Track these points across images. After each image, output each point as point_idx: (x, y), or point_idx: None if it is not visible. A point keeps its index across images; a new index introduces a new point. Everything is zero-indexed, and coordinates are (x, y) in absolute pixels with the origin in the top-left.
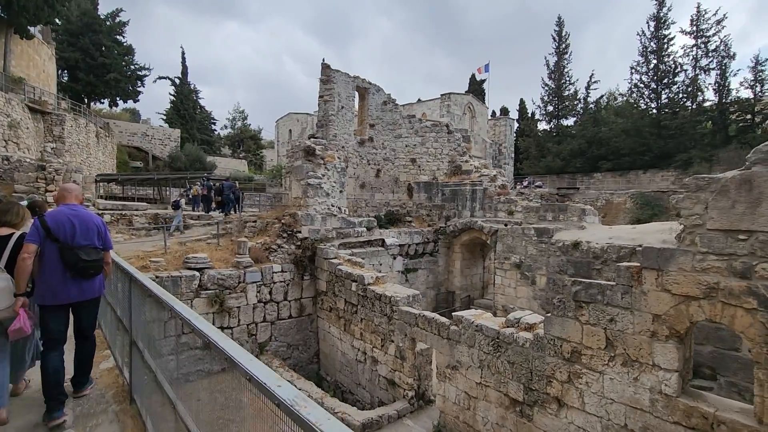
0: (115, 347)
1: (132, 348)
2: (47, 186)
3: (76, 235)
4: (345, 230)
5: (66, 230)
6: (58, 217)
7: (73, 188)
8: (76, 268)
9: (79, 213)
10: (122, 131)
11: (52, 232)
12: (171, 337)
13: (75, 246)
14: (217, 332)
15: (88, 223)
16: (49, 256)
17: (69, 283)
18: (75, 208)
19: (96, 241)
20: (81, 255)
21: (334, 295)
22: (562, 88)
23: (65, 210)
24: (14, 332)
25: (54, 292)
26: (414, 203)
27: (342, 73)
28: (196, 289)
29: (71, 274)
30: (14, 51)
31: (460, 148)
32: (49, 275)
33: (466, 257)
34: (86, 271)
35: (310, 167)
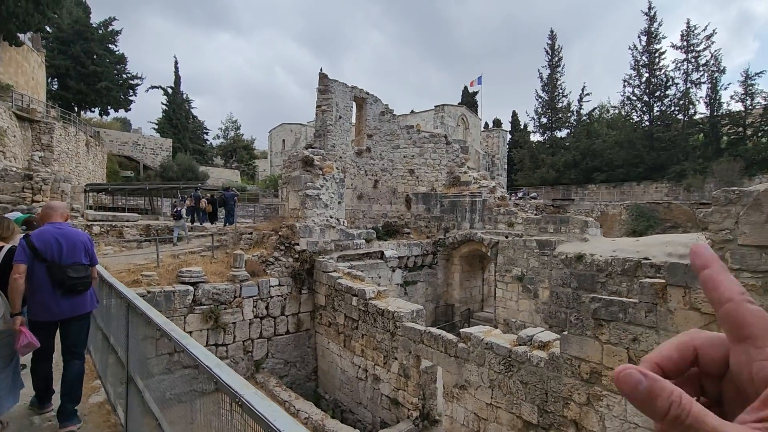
0: (106, 378)
1: (129, 385)
2: (33, 196)
3: (63, 253)
4: (344, 242)
5: (53, 249)
6: (45, 237)
7: (59, 206)
8: (65, 285)
9: (65, 231)
10: (113, 140)
11: (39, 252)
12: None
13: (63, 264)
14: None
15: (74, 241)
16: (38, 276)
17: (60, 300)
18: (60, 227)
19: (83, 258)
20: (69, 273)
21: (333, 309)
22: (556, 101)
23: (51, 229)
24: (24, 348)
25: (46, 308)
26: (412, 215)
27: (340, 83)
28: (189, 305)
29: (61, 292)
30: (2, 58)
31: (459, 159)
32: (40, 293)
33: (466, 269)
34: (75, 288)
35: (308, 178)
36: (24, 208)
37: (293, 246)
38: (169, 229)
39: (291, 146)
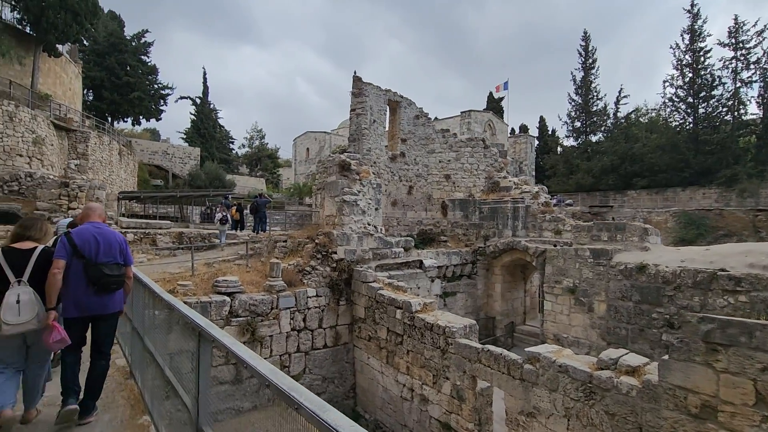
0: (161, 424)
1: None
2: (70, 203)
3: (99, 251)
4: (382, 251)
5: (91, 247)
6: (84, 235)
7: (97, 207)
8: (99, 283)
9: (103, 231)
10: (143, 149)
11: (78, 248)
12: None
13: (99, 262)
14: None
15: (111, 240)
16: (75, 272)
17: (92, 297)
18: (99, 226)
19: (118, 257)
20: (104, 270)
21: (374, 322)
22: (590, 104)
23: (90, 228)
24: (56, 343)
25: (78, 305)
26: (449, 222)
27: (374, 86)
28: (226, 316)
29: (95, 289)
30: (42, 68)
31: (497, 164)
32: (74, 289)
33: (507, 280)
34: (109, 286)
35: (345, 183)
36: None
37: (330, 254)
38: (202, 237)
39: (315, 154)
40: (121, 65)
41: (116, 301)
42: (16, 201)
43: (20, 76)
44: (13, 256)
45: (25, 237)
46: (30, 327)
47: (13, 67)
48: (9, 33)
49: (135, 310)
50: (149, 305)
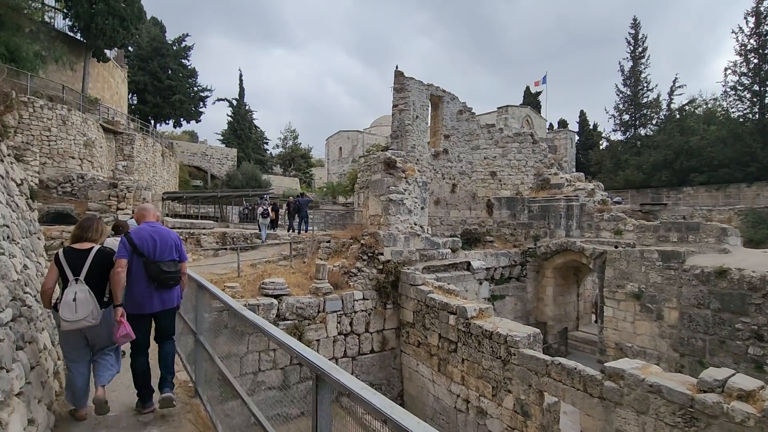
0: None
1: None
2: (119, 203)
3: (157, 249)
4: (429, 252)
5: (149, 246)
6: (142, 234)
7: (150, 207)
8: (158, 279)
9: (158, 229)
10: (183, 151)
11: (138, 247)
12: None
13: (157, 260)
14: None
15: (166, 239)
16: (135, 270)
17: (153, 294)
18: (154, 225)
19: (174, 254)
20: (162, 267)
21: (424, 328)
22: (639, 95)
23: (146, 227)
24: (122, 338)
25: (140, 302)
26: (494, 221)
27: (416, 81)
28: (273, 320)
29: (155, 286)
30: (91, 73)
31: (547, 160)
32: (136, 287)
33: (559, 283)
34: (167, 282)
35: (390, 181)
36: (121, 219)
37: (377, 256)
38: (244, 237)
39: (348, 153)
40: (163, 69)
41: (174, 297)
42: (70, 202)
43: (72, 82)
44: (72, 255)
45: (83, 238)
46: (85, 324)
47: (65, 73)
48: (61, 40)
49: (199, 321)
50: (223, 323)
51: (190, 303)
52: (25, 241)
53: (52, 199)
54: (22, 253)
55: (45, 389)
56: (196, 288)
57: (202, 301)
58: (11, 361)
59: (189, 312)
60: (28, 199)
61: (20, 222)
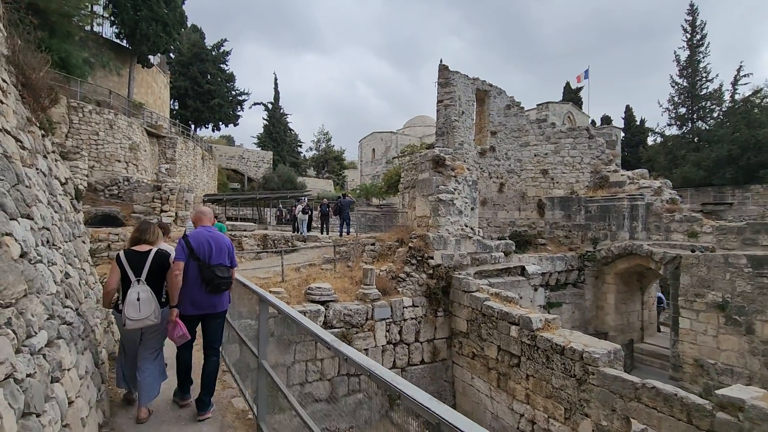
0: None
1: None
2: (162, 206)
3: (212, 254)
4: (481, 255)
5: (204, 250)
6: (199, 238)
7: (208, 211)
8: (212, 284)
9: (214, 234)
10: (222, 155)
11: (195, 251)
12: None
13: (211, 264)
14: None
15: (221, 244)
16: (191, 273)
17: (205, 296)
18: (210, 230)
19: (226, 260)
20: (216, 272)
21: (480, 338)
22: (697, 87)
23: (204, 232)
24: (179, 338)
25: (194, 303)
26: (546, 222)
27: (461, 75)
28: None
29: (208, 289)
30: (136, 79)
31: (605, 156)
32: (191, 289)
33: (621, 290)
34: (219, 287)
35: (439, 180)
36: (163, 221)
37: (426, 260)
38: (285, 239)
39: (381, 155)
40: (202, 74)
41: (224, 301)
42: (116, 204)
43: (118, 87)
44: (133, 257)
45: (142, 240)
46: (148, 323)
47: (112, 79)
48: (108, 47)
49: (262, 344)
50: (270, 330)
51: (247, 317)
52: (69, 245)
53: (100, 202)
54: (64, 260)
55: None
56: (258, 302)
57: (266, 319)
58: (43, 401)
59: (238, 320)
60: (72, 200)
61: (63, 224)
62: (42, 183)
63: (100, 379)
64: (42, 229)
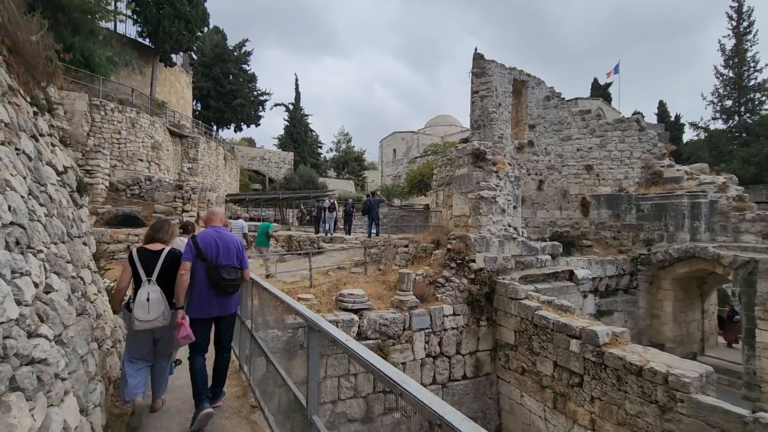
0: None
1: None
2: (184, 205)
3: (220, 255)
4: (526, 258)
5: (212, 250)
6: (207, 238)
7: (219, 212)
8: (218, 286)
9: (223, 235)
10: (243, 155)
11: (202, 252)
12: None
13: (219, 265)
14: None
15: (230, 245)
16: (198, 274)
17: (213, 299)
18: (219, 230)
19: (235, 261)
20: (223, 274)
21: (530, 352)
22: (744, 77)
23: (212, 232)
24: (183, 339)
25: (201, 306)
26: (591, 222)
27: (497, 64)
28: (354, 339)
29: (214, 292)
30: (158, 78)
31: (657, 150)
32: (197, 291)
33: (680, 297)
34: (226, 290)
35: (479, 176)
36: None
37: (467, 263)
38: (311, 240)
39: (402, 155)
40: (225, 74)
41: (233, 304)
42: (137, 204)
43: (140, 86)
44: (145, 256)
45: (155, 239)
46: (157, 324)
47: (135, 78)
48: (131, 46)
49: (311, 392)
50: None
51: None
52: (59, 248)
53: (121, 202)
54: (44, 267)
55: None
56: (306, 330)
57: (316, 357)
58: None
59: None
60: (73, 193)
61: (53, 221)
62: (22, 167)
63: (91, 429)
64: (10, 226)
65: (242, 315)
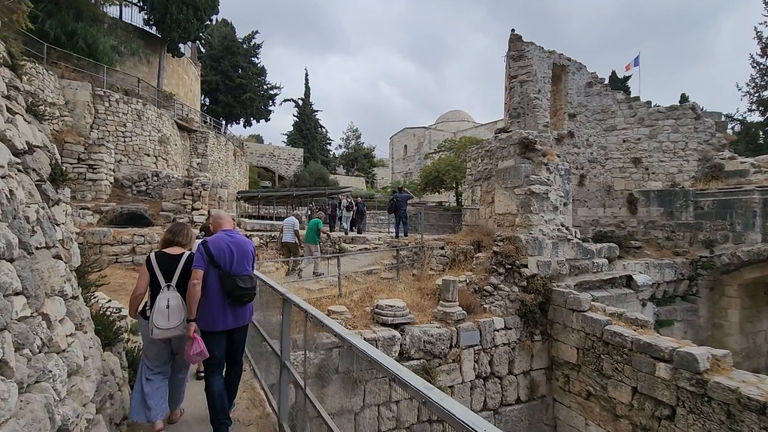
0: None
1: None
2: (194, 203)
3: (234, 262)
4: (581, 262)
5: (226, 257)
6: (219, 244)
7: (225, 215)
8: (233, 295)
9: (236, 239)
10: (252, 152)
11: (215, 258)
12: None
13: (233, 273)
14: None
15: (244, 250)
16: (211, 282)
17: (226, 310)
18: (232, 234)
19: (250, 268)
20: (238, 282)
21: (599, 374)
22: None
23: (224, 236)
24: (196, 356)
25: (214, 318)
26: (640, 221)
27: (536, 47)
28: (396, 359)
29: (228, 302)
30: (166, 69)
31: (716, 141)
32: (210, 301)
33: (746, 305)
34: (241, 299)
35: (528, 168)
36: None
37: (518, 268)
38: (332, 242)
39: (414, 151)
40: (234, 68)
41: (248, 314)
42: (143, 201)
43: (147, 78)
44: (165, 260)
45: (174, 242)
46: (177, 333)
47: (141, 69)
48: (137, 35)
49: None
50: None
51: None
52: (3, 268)
53: (126, 199)
54: None
55: None
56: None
57: None
58: None
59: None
60: (43, 183)
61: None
62: None
63: None
64: None
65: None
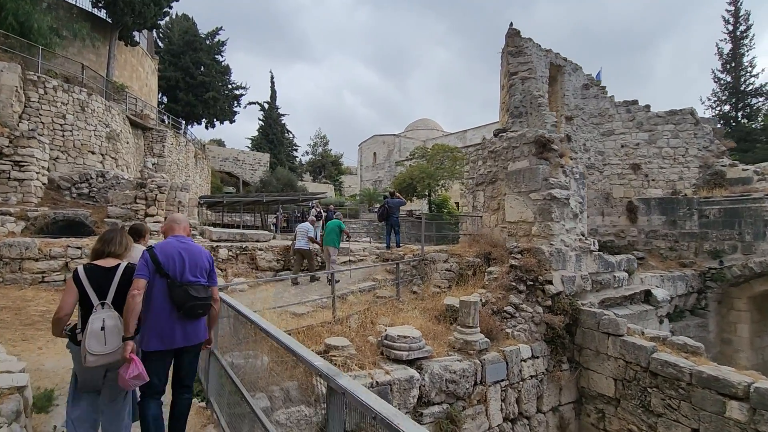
0: None
1: None
2: (147, 208)
3: (185, 270)
4: (603, 276)
5: (176, 264)
6: (168, 250)
7: (182, 219)
8: (185, 307)
9: (188, 246)
10: (214, 156)
11: (162, 266)
12: None
13: (184, 282)
14: None
15: (197, 258)
16: (158, 293)
17: (176, 325)
18: (184, 240)
19: (203, 277)
20: (190, 291)
21: (646, 410)
22: (742, 83)
23: (174, 242)
24: (133, 380)
25: (161, 335)
26: (640, 230)
27: (534, 44)
28: (414, 407)
29: (179, 315)
30: (118, 59)
31: (715, 147)
32: (156, 316)
33: (756, 319)
34: (195, 311)
35: (546, 170)
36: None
37: (541, 285)
38: (315, 253)
39: (383, 159)
40: (195, 64)
41: (201, 330)
42: (85, 206)
43: (95, 66)
44: (96, 274)
45: (105, 253)
46: (117, 357)
47: (87, 56)
48: (84, 17)
49: None
50: None
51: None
52: None
53: (64, 203)
54: None
55: None
56: None
57: None
58: None
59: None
60: None
61: None
62: None
63: None
64: None
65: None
